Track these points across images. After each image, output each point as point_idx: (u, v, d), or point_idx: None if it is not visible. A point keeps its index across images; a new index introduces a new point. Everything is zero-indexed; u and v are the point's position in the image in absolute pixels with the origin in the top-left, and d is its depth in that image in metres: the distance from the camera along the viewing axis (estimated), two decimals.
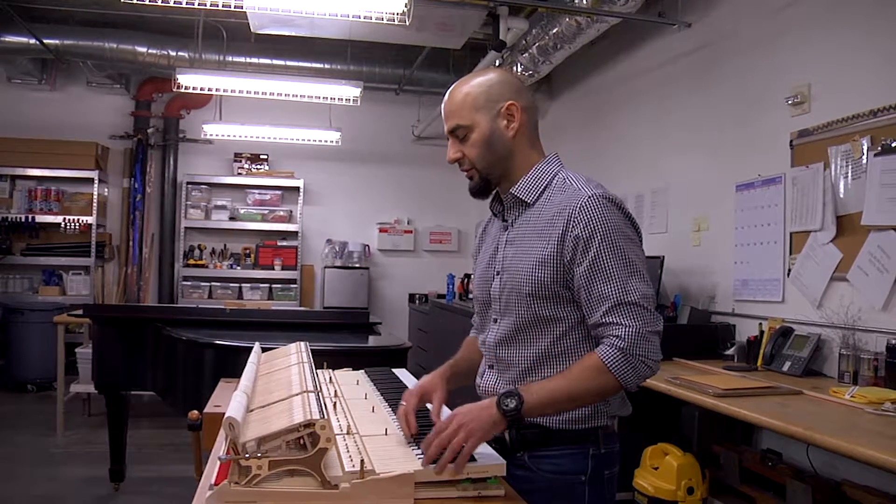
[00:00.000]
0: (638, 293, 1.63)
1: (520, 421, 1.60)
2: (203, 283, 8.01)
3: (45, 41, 6.57)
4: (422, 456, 1.41)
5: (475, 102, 1.78)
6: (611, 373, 1.60)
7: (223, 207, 8.13)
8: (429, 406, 1.79)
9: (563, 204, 1.71)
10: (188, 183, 8.10)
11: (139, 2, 3.61)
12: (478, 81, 1.81)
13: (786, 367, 3.46)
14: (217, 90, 5.97)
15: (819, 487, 3.09)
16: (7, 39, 6.62)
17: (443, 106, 1.85)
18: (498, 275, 1.82)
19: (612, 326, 1.62)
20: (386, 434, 1.58)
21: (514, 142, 1.80)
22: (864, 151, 3.33)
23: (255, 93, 5.96)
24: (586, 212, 1.66)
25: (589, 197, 1.68)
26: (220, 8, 3.78)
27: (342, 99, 6.02)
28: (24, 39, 6.61)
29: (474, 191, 1.85)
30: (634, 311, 1.62)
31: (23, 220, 7.53)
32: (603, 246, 1.64)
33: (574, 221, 1.67)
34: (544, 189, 1.79)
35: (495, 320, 1.83)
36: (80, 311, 4.83)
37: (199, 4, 3.74)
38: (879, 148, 3.24)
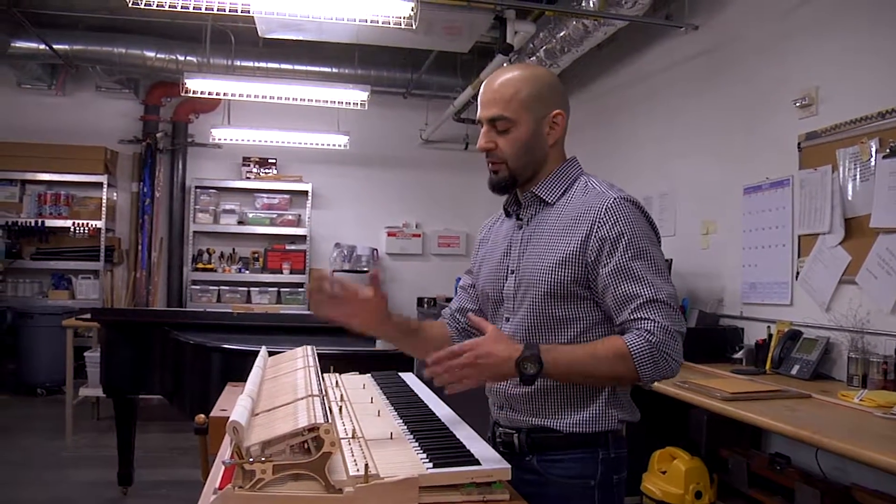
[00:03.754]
0: (665, 293, 1.63)
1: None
2: (212, 287, 8.02)
3: (54, 47, 6.61)
4: (426, 461, 1.41)
5: (526, 101, 1.72)
6: (633, 361, 1.58)
7: (232, 211, 8.14)
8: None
9: (586, 205, 1.71)
10: (197, 187, 8.12)
11: (147, 6, 3.61)
12: (529, 78, 1.76)
13: (794, 371, 3.45)
14: (225, 94, 6.00)
15: (828, 492, 3.07)
16: (17, 45, 6.67)
17: (485, 91, 1.77)
18: (512, 273, 1.80)
19: (643, 321, 1.61)
20: (391, 438, 1.57)
21: (550, 150, 1.79)
22: (873, 154, 3.31)
23: (263, 97, 5.97)
24: (612, 214, 1.66)
25: (614, 199, 1.68)
26: (227, 13, 3.80)
27: (350, 103, 6.03)
28: (33, 45, 6.67)
29: (497, 186, 1.80)
30: (663, 308, 1.61)
31: (32, 224, 7.56)
32: (630, 247, 1.64)
33: (600, 223, 1.66)
34: (565, 191, 1.78)
35: (507, 319, 1.82)
36: (88, 315, 4.85)
37: (206, 9, 3.76)
38: (888, 150, 3.23)
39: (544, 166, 1.79)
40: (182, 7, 3.67)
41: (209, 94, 5.89)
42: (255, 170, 8.29)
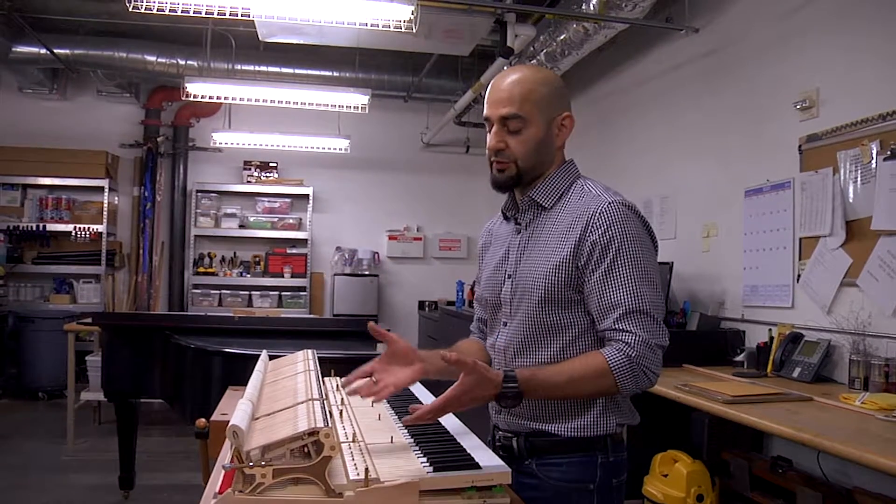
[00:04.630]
0: (649, 303, 1.63)
1: None
2: (213, 291, 8.03)
3: (55, 51, 6.63)
4: (427, 465, 1.41)
5: (539, 101, 1.72)
6: (612, 376, 1.59)
7: (233, 215, 8.16)
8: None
9: (581, 209, 1.71)
10: (198, 191, 8.14)
11: (148, 11, 3.61)
12: (541, 79, 1.75)
13: (796, 374, 3.44)
14: (226, 98, 5.99)
15: (830, 495, 3.07)
16: (19, 50, 6.68)
17: (495, 89, 1.75)
18: (509, 278, 1.81)
19: (622, 333, 1.62)
20: (392, 442, 1.57)
21: (556, 152, 1.79)
22: (874, 156, 3.31)
23: (263, 101, 5.98)
24: (605, 218, 1.66)
25: (609, 203, 1.67)
26: (228, 17, 3.81)
27: (350, 106, 6.04)
28: (35, 50, 6.68)
29: (503, 184, 1.79)
30: (645, 320, 1.62)
31: (34, 228, 7.58)
32: (620, 253, 1.64)
33: (593, 227, 1.66)
34: (562, 194, 1.78)
35: (505, 324, 1.82)
36: (90, 320, 4.86)
37: (207, 13, 3.77)
38: (889, 152, 3.22)
39: (549, 169, 1.80)
40: (182, 11, 3.68)
41: (210, 97, 5.90)
42: (255, 173, 8.30)
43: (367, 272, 8.23)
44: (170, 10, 3.65)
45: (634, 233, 1.67)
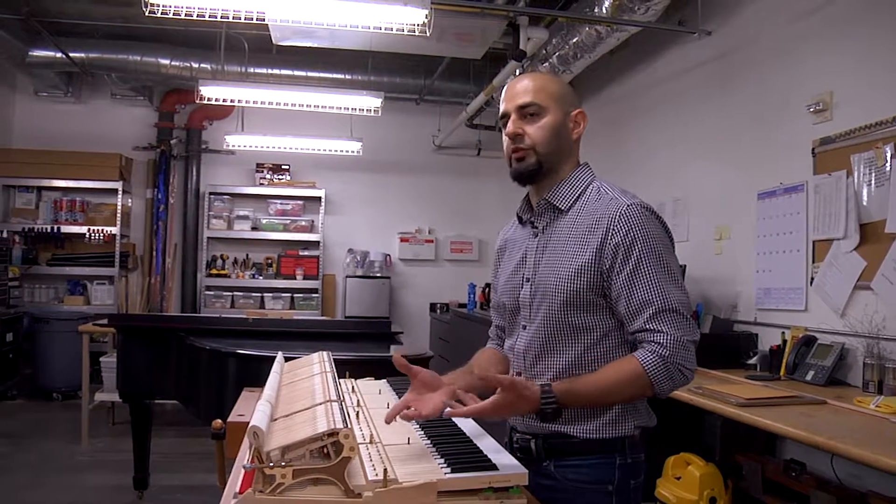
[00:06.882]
0: (676, 300, 1.64)
1: None
2: (225, 293, 8.07)
3: (71, 55, 6.68)
4: (444, 466, 1.42)
5: (555, 93, 1.79)
6: (648, 378, 1.60)
7: (245, 217, 8.20)
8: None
9: (600, 212, 1.72)
10: (211, 193, 8.18)
11: (163, 15, 3.64)
12: (553, 78, 1.85)
13: (809, 377, 3.43)
14: (239, 101, 6.01)
15: (844, 498, 3.06)
16: (35, 54, 6.74)
17: (510, 87, 1.82)
18: (528, 281, 1.81)
19: (654, 333, 1.63)
20: (409, 443, 1.58)
21: (573, 146, 1.83)
22: (888, 159, 3.30)
23: (276, 104, 5.99)
24: (626, 220, 1.67)
25: (628, 206, 1.69)
26: (242, 21, 3.83)
27: (363, 109, 6.03)
28: (50, 53, 6.74)
29: (523, 173, 1.80)
30: (675, 318, 1.63)
31: (48, 230, 7.64)
32: (644, 254, 1.65)
33: (614, 230, 1.68)
34: (578, 197, 1.79)
35: (524, 327, 1.82)
36: (104, 321, 4.88)
37: (221, 17, 3.79)
38: None
39: (565, 163, 1.82)
40: (197, 15, 3.70)
41: (223, 100, 5.91)
42: (268, 176, 8.33)
43: (378, 274, 8.25)
44: (185, 14, 3.68)
45: (655, 234, 1.68)
